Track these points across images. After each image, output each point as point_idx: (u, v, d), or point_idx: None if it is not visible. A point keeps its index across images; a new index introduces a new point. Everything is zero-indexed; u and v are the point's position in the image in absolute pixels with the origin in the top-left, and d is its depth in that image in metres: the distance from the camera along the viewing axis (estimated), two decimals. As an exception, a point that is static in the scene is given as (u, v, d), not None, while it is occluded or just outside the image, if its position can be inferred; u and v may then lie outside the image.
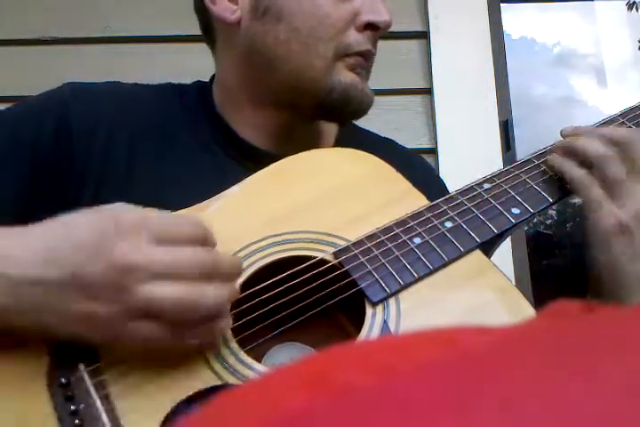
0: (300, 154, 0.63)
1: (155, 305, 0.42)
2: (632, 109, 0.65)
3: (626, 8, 2.01)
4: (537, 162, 0.61)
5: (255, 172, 0.61)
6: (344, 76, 0.65)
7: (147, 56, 1.28)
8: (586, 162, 0.58)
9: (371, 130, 0.83)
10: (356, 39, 0.65)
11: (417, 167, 0.80)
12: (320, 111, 0.68)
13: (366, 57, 0.67)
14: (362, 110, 0.68)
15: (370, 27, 0.66)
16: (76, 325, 0.44)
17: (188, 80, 0.77)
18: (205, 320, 0.44)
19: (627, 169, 0.56)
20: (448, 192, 0.81)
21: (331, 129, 0.76)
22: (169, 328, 0.43)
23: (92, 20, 1.30)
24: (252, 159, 0.68)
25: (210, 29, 0.72)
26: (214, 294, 0.44)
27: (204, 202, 0.58)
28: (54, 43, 1.29)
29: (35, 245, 0.44)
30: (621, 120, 0.64)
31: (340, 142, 0.75)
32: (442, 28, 1.31)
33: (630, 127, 0.63)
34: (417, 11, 1.33)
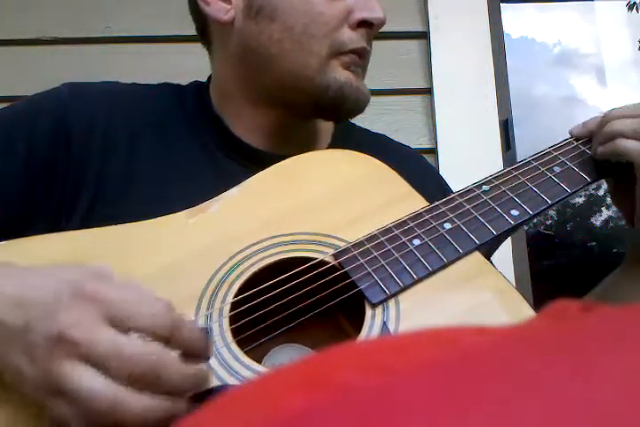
0: (300, 155, 0.63)
1: (68, 389, 0.37)
2: None
3: (626, 8, 2.00)
4: (535, 164, 0.62)
5: (254, 171, 0.61)
6: (339, 74, 0.65)
7: (147, 56, 1.28)
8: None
9: (371, 130, 0.83)
10: (350, 37, 0.65)
11: (412, 161, 0.80)
12: (316, 109, 0.68)
13: (361, 55, 0.66)
14: (358, 108, 0.68)
15: (364, 24, 0.65)
16: (9, 374, 0.42)
17: (188, 80, 0.77)
18: None
19: None
20: (444, 183, 0.81)
21: (327, 128, 0.76)
22: (82, 419, 0.38)
23: (92, 20, 1.30)
24: (250, 159, 0.68)
25: (205, 30, 0.72)
26: (141, 404, 0.37)
27: (205, 203, 0.58)
28: (54, 43, 1.29)
29: (9, 288, 0.42)
30: None
31: (337, 142, 0.75)
32: (442, 28, 1.31)
33: None
34: (417, 11, 1.33)
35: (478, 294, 0.53)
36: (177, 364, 0.39)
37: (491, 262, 0.69)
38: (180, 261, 0.53)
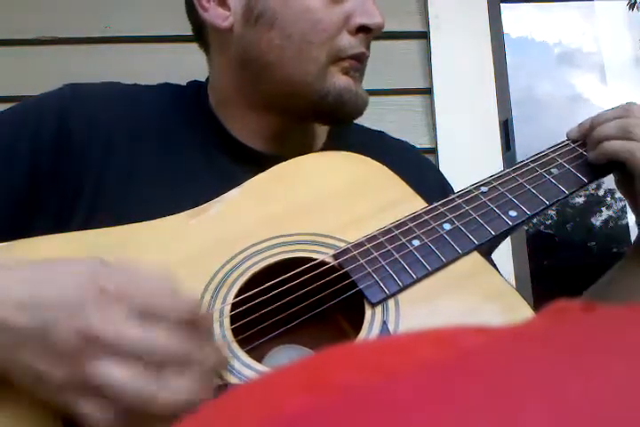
0: (300, 157, 0.63)
1: (103, 385, 0.38)
2: None
3: (627, 7, 2.00)
4: (533, 165, 0.62)
5: (253, 172, 0.61)
6: (338, 80, 0.65)
7: (147, 56, 1.28)
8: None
9: (366, 126, 0.83)
10: (350, 42, 0.65)
11: (408, 155, 0.80)
12: (315, 115, 0.68)
13: (360, 60, 0.66)
14: (356, 113, 0.68)
15: (362, 29, 0.65)
16: (22, 377, 0.41)
17: (188, 80, 0.77)
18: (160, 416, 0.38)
19: None
20: (440, 174, 0.82)
21: (324, 128, 0.76)
22: (117, 415, 0.38)
23: (92, 20, 1.30)
24: (248, 160, 0.68)
25: (202, 34, 0.72)
26: (175, 390, 0.38)
27: (205, 204, 0.58)
28: (54, 43, 1.29)
29: (15, 287, 0.41)
30: None
31: (331, 140, 0.75)
32: (442, 28, 1.31)
33: None
34: (417, 11, 1.33)
35: (478, 294, 0.53)
36: (204, 350, 0.41)
37: (493, 263, 0.70)
38: (180, 261, 0.53)
